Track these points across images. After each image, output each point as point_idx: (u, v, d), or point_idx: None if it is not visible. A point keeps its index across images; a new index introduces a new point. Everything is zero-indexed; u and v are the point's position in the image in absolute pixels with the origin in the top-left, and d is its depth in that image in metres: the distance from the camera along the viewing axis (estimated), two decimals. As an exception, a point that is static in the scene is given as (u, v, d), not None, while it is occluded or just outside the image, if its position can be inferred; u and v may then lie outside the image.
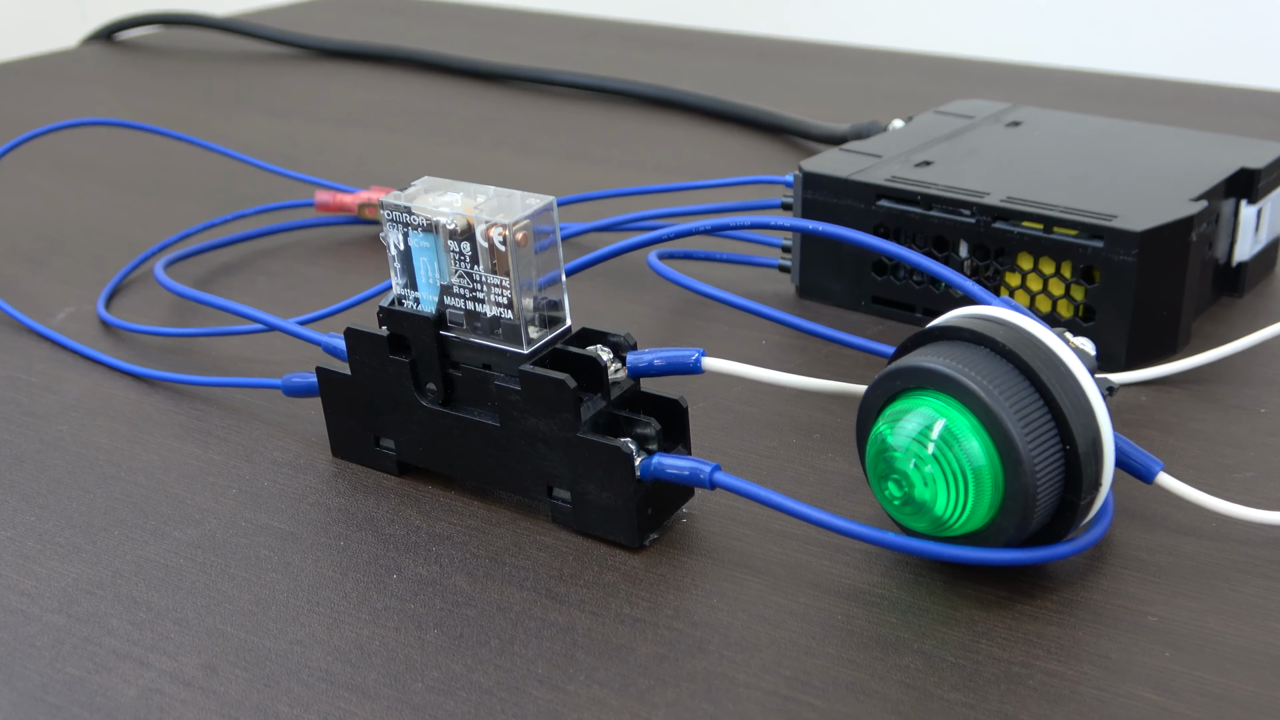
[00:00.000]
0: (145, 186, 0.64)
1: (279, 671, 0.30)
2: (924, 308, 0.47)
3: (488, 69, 0.83)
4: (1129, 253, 0.42)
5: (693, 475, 0.33)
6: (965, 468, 0.31)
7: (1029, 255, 0.44)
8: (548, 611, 0.32)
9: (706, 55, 0.89)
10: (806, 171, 0.48)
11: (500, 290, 0.34)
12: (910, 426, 0.31)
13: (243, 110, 0.77)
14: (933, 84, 0.80)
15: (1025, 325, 0.32)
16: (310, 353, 0.45)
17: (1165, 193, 0.44)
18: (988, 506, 0.31)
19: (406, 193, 0.35)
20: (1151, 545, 0.34)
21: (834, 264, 0.48)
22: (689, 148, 0.69)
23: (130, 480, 0.38)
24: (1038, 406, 0.31)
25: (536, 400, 0.34)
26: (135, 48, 0.94)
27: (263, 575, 0.34)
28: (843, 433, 0.40)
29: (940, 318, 0.34)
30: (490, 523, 0.36)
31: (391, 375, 0.36)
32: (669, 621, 0.32)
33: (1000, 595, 0.32)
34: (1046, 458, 0.31)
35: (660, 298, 0.50)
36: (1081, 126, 0.52)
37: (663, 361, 0.34)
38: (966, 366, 0.31)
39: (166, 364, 0.45)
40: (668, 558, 0.34)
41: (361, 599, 0.33)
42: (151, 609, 0.33)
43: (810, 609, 0.32)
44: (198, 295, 0.46)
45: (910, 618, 0.32)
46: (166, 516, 0.36)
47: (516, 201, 0.34)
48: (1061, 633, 0.31)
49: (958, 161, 0.48)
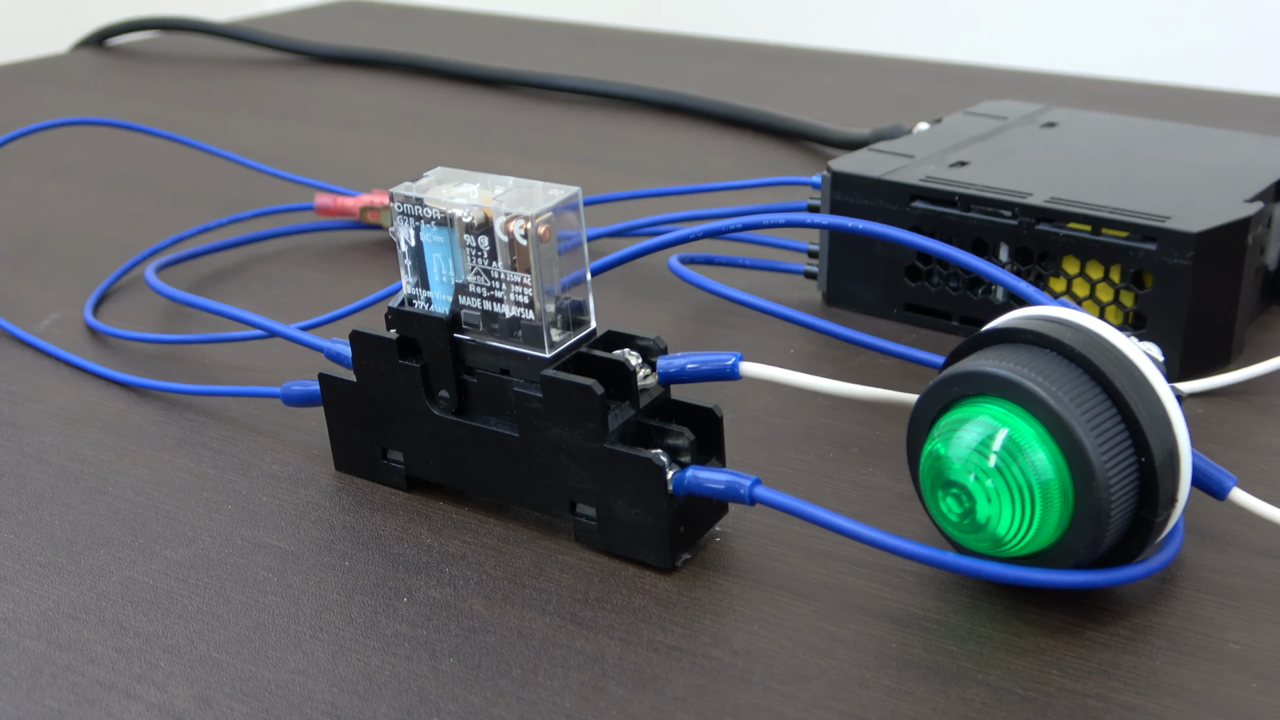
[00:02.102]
0: (136, 190, 0.61)
1: (278, 704, 0.28)
2: (961, 315, 0.44)
3: (489, 74, 0.80)
4: (1184, 256, 0.39)
5: (731, 490, 0.30)
6: (1031, 482, 0.28)
7: (1075, 259, 0.41)
8: (573, 638, 0.29)
9: (710, 60, 0.86)
10: (836, 171, 0.45)
11: (520, 289, 0.31)
12: (969, 437, 0.29)
13: (236, 115, 0.75)
14: (947, 89, 0.77)
15: (1094, 326, 0.30)
16: (311, 360, 0.42)
17: (1218, 194, 0.42)
18: (1055, 524, 0.29)
19: (419, 183, 0.32)
20: (1226, 567, 0.32)
21: (865, 269, 0.45)
22: (700, 153, 0.66)
23: (117, 495, 0.36)
24: (1111, 415, 0.28)
25: (559, 408, 0.31)
26: (127, 53, 0.91)
27: (261, 598, 0.31)
28: (883, 446, 0.37)
29: (997, 320, 0.31)
30: (508, 541, 0.33)
31: (400, 382, 0.34)
32: (707, 650, 0.29)
33: (1067, 621, 0.30)
34: (1121, 471, 0.28)
35: (680, 305, 0.47)
36: (1121, 127, 0.50)
37: (696, 366, 0.32)
38: (1032, 371, 0.29)
39: (157, 372, 0.42)
40: (702, 580, 0.31)
41: (369, 624, 0.30)
42: (139, 635, 0.30)
43: (862, 637, 0.29)
44: (192, 299, 0.43)
45: (971, 646, 0.29)
46: (156, 534, 0.34)
47: (538, 192, 0.31)
48: (1137, 662, 0.28)
49: (995, 161, 0.46)
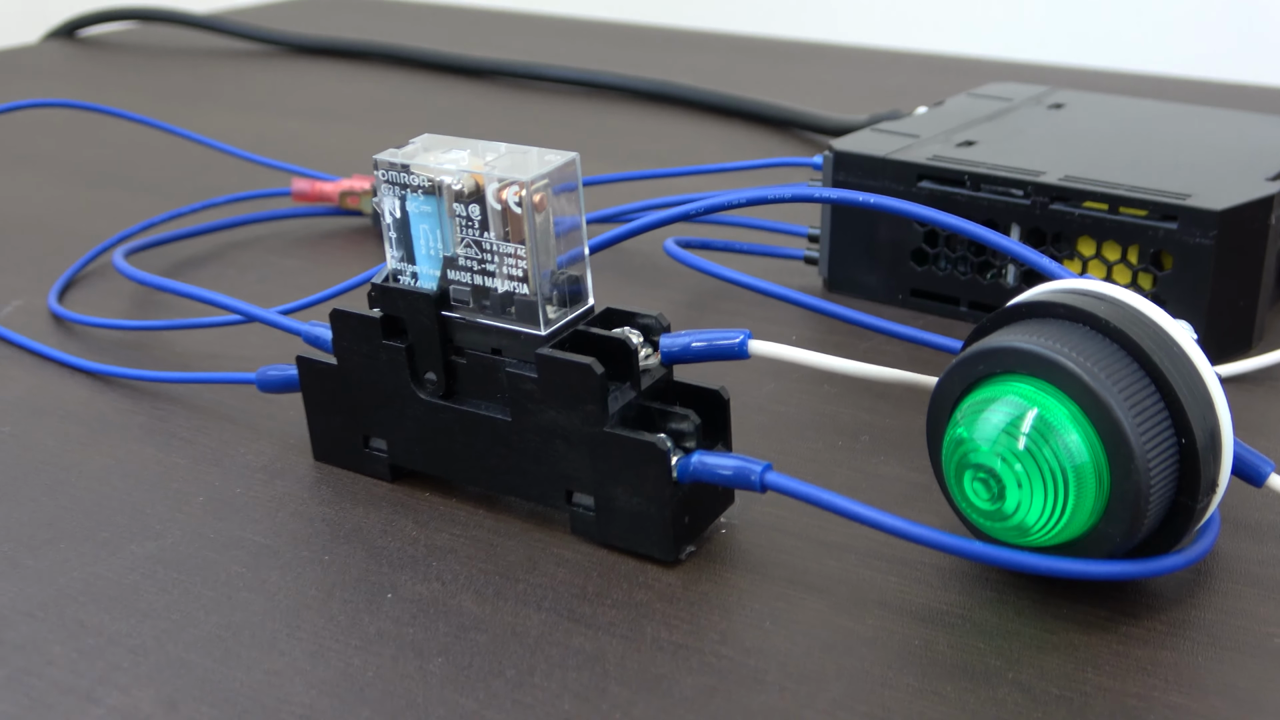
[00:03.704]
0: (105, 178, 0.59)
1: (252, 708, 0.25)
2: (970, 300, 0.42)
3: (471, 64, 0.78)
4: (1206, 235, 0.38)
5: (740, 476, 0.28)
6: (1064, 465, 0.26)
7: (1091, 239, 0.39)
8: (571, 636, 0.27)
9: (695, 53, 0.84)
10: (839, 151, 0.43)
11: (514, 261, 0.29)
12: (997, 418, 0.27)
13: (211, 106, 0.72)
14: (940, 81, 0.75)
15: (1130, 300, 0.28)
16: (289, 346, 0.40)
17: (1238, 173, 0.40)
18: (1089, 511, 0.27)
19: (404, 150, 0.30)
20: (1264, 557, 0.30)
21: (868, 253, 0.43)
22: (689, 142, 0.64)
23: (80, 487, 0.33)
24: (1150, 393, 0.26)
25: (556, 389, 0.29)
26: (99, 44, 0.89)
27: (233, 595, 0.29)
28: (894, 434, 0.35)
29: (1024, 294, 0.29)
30: (499, 534, 0.31)
31: (384, 364, 0.32)
32: (716, 648, 0.27)
33: (1100, 616, 0.28)
34: (1161, 453, 0.26)
35: (674, 291, 0.45)
36: (1131, 108, 0.48)
37: (702, 345, 0.30)
38: (1064, 345, 0.27)
39: (124, 360, 0.40)
40: (708, 573, 0.29)
41: (351, 623, 0.28)
42: (101, 634, 0.28)
43: (881, 633, 0.27)
44: (162, 282, 0.41)
45: (1000, 643, 0.27)
46: (121, 528, 0.31)
47: (533, 158, 0.29)
48: (1178, 659, 0.26)
49: (1004, 141, 0.44)
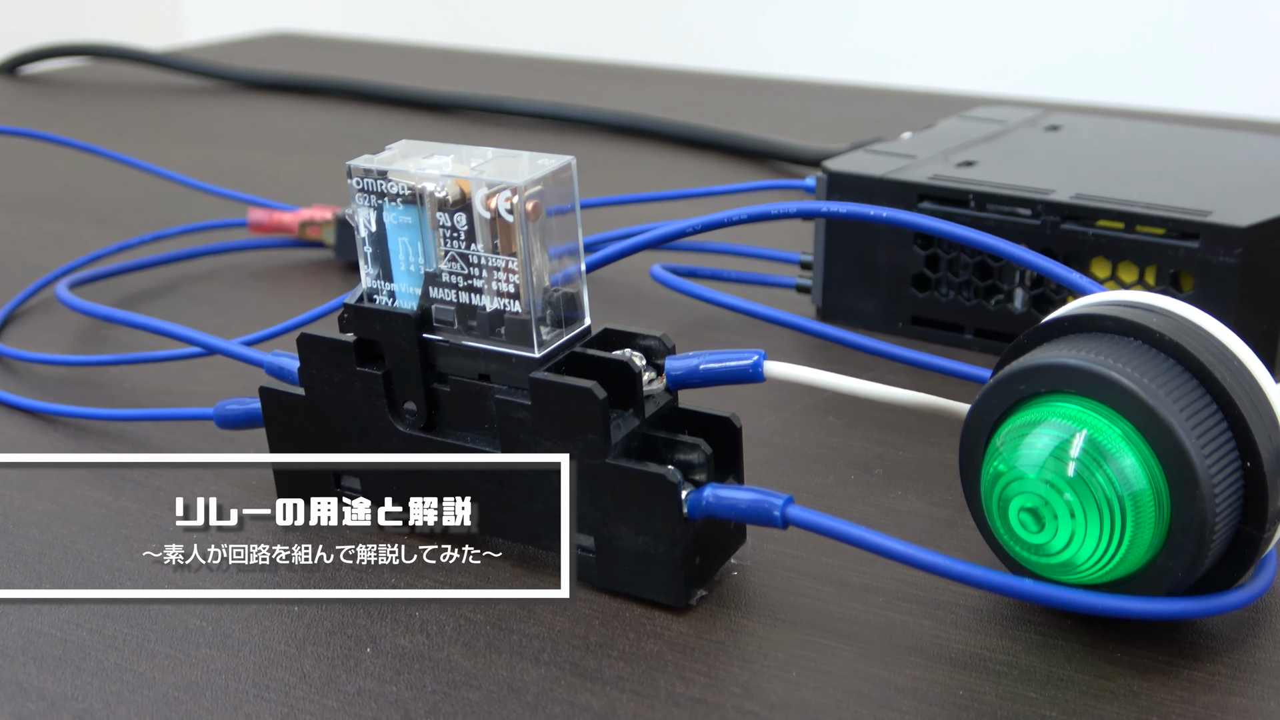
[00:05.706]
0: (49, 209, 0.55)
1: (217, 781, 0.22)
2: (975, 328, 0.40)
3: (434, 98, 0.75)
4: (1230, 253, 0.35)
5: (758, 510, 0.26)
6: (1121, 492, 0.24)
7: (1106, 260, 0.37)
8: (575, 692, 0.24)
9: (664, 87, 0.82)
10: (833, 171, 0.41)
11: (505, 276, 0.26)
12: (1043, 442, 0.24)
13: (164, 139, 0.69)
14: (917, 113, 0.73)
15: (1184, 311, 0.25)
16: (249, 380, 0.36)
17: (1256, 190, 0.38)
18: (1148, 543, 0.24)
19: (381, 155, 0.28)
20: (1325, 594, 0.27)
21: (865, 279, 0.41)
22: (664, 175, 0.62)
23: (19, 534, 0.30)
24: (1212, 412, 0.24)
25: (552, 417, 0.26)
26: (43, 81, 0.86)
27: (192, 651, 0.26)
28: (908, 466, 0.33)
29: (1064, 308, 0.27)
30: (489, 579, 0.28)
31: (358, 393, 0.29)
32: (739, 703, 0.24)
33: (1158, 660, 0.25)
34: (1226, 477, 0.24)
35: (659, 320, 0.42)
36: (1132, 130, 0.46)
37: (713, 366, 0.27)
38: (1116, 360, 0.24)
39: (69, 397, 0.37)
40: (723, 620, 0.27)
41: (325, 680, 0.25)
42: (44, 698, 0.25)
43: (921, 683, 0.25)
44: (109, 313, 0.38)
45: (1052, 691, 0.24)
46: (65, 578, 0.29)
47: (524, 162, 0.27)
48: (1249, 704, 0.24)
49: (1005, 161, 0.42)
